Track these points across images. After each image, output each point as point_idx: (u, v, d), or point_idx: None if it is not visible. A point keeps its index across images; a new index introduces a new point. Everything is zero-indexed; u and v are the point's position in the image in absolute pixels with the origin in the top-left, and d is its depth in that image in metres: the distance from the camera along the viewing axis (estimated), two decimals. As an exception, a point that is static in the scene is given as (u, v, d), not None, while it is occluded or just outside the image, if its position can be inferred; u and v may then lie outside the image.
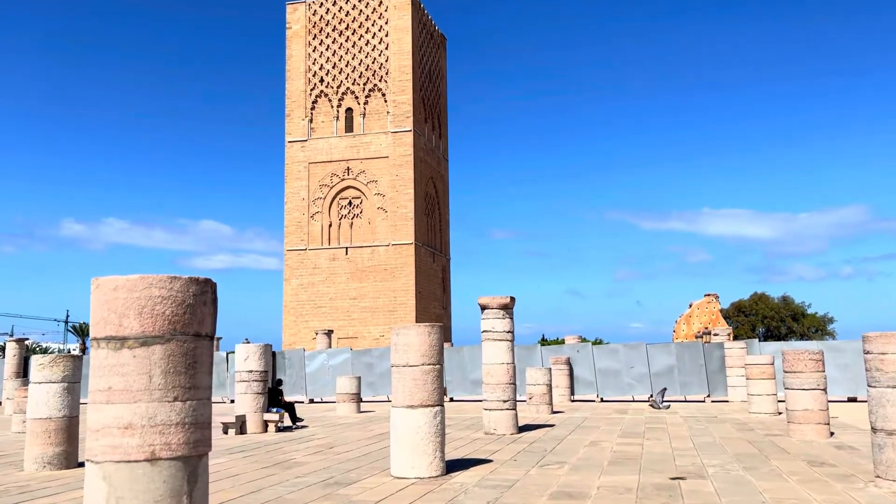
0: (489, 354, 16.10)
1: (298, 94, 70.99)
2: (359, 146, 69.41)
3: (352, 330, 67.08)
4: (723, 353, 27.10)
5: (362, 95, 69.58)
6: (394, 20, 69.69)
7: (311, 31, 71.54)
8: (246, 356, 18.00)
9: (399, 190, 67.56)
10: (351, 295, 67.62)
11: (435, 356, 10.48)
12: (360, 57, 69.92)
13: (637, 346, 28.23)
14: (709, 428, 17.46)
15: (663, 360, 27.65)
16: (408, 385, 10.35)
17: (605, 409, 24.57)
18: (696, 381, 27.56)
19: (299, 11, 72.12)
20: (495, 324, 16.05)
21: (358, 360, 31.85)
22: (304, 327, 67.75)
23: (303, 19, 71.93)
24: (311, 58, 71.10)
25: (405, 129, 68.17)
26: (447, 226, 78.25)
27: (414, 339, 10.43)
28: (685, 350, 27.71)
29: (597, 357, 28.21)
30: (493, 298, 16.05)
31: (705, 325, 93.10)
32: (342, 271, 68.03)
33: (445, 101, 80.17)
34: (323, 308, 68.27)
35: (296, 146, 70.23)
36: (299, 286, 68.79)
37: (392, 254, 67.08)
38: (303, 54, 71.38)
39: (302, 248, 69.03)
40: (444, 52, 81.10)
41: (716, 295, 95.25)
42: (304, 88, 70.90)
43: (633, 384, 28.18)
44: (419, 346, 10.40)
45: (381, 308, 66.92)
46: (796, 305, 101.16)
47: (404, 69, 68.81)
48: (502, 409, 16.12)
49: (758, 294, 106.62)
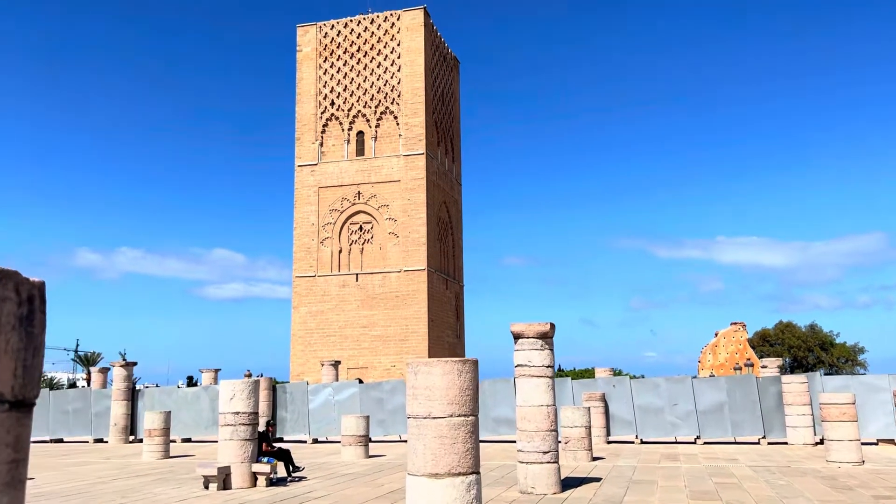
0: (525, 394, 13.10)
1: (309, 118, 69.07)
2: (370, 170, 67.14)
3: (362, 360, 64.03)
4: (779, 388, 23.86)
5: (374, 118, 67.53)
6: (406, 42, 67.90)
7: (322, 54, 69.87)
8: (231, 395, 15.07)
9: (411, 214, 65.02)
10: (361, 323, 64.72)
11: (468, 404, 7.57)
12: (371, 79, 68.03)
13: (681, 380, 25.02)
14: (793, 484, 14.29)
15: (712, 396, 24.41)
16: (430, 445, 7.42)
17: (651, 453, 21.36)
18: (749, 419, 24.28)
19: (310, 34, 70.56)
20: (532, 356, 13.09)
21: (367, 395, 28.81)
22: (312, 357, 64.76)
23: (313, 42, 70.34)
24: (321, 80, 69.31)
25: (417, 151, 65.87)
26: (460, 251, 75.46)
27: (439, 381, 7.53)
28: (736, 385, 24.47)
29: (636, 392, 25.02)
30: (529, 325, 13.13)
31: (732, 354, 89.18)
32: (352, 298, 65.24)
33: (458, 125, 78.04)
34: (332, 337, 65.37)
35: (306, 170, 68.07)
36: (308, 314, 66.01)
37: (404, 280, 64.28)
38: (313, 77, 69.62)
39: (311, 275, 66.42)
40: (458, 74, 79.21)
41: (742, 324, 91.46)
42: (314, 112, 69.00)
43: (678, 423, 24.93)
44: (446, 391, 7.49)
45: (392, 337, 63.91)
46: (825, 334, 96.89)
47: (417, 91, 66.77)
48: (542, 461, 13.07)
49: (783, 323, 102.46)
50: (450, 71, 76.11)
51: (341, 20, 70.08)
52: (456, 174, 75.92)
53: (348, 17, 70.15)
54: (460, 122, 78.51)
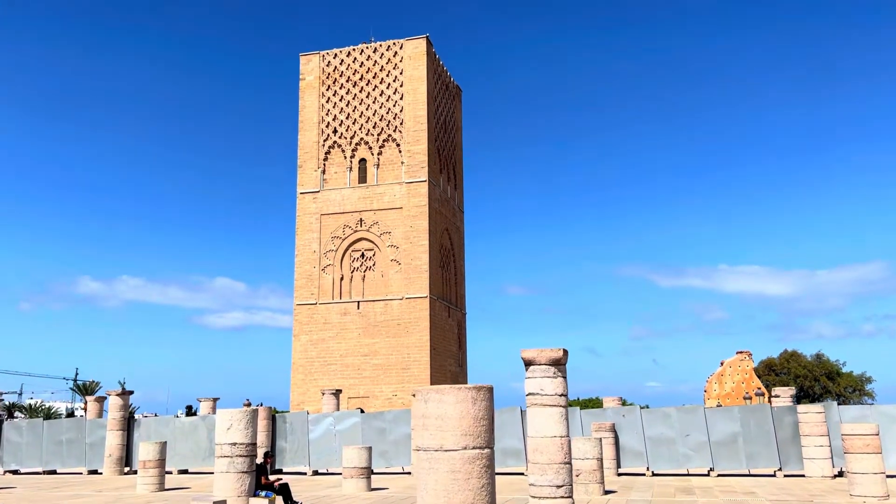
0: (537, 424, 12.47)
1: (311, 145, 69.13)
2: (372, 197, 66.95)
3: (363, 389, 63.06)
4: (795, 418, 23.11)
5: (376, 146, 67.55)
6: (409, 70, 68.22)
7: (325, 82, 70.19)
8: (229, 424, 14.43)
9: (413, 241, 64.64)
10: (362, 351, 63.92)
11: (483, 435, 6.99)
12: (374, 107, 68.22)
13: (693, 409, 24.29)
14: (819, 520, 13.57)
15: (725, 426, 23.65)
16: (442, 480, 6.83)
17: (664, 486, 20.56)
18: (764, 451, 23.49)
19: (313, 63, 70.96)
20: (544, 384, 12.48)
21: (369, 425, 28.04)
22: (313, 386, 63.83)
23: (316, 70, 70.71)
24: (324, 108, 69.54)
25: (420, 179, 65.75)
26: (462, 279, 74.92)
27: (452, 409, 6.96)
28: (750, 415, 23.72)
29: (646, 423, 24.26)
30: (540, 351, 12.55)
31: (739, 384, 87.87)
32: (353, 326, 64.53)
33: (461, 153, 78.11)
34: (333, 366, 64.52)
35: (307, 198, 67.90)
36: (309, 342, 65.25)
37: (406, 308, 63.62)
38: (316, 105, 69.86)
39: (312, 303, 65.81)
40: (460, 103, 79.55)
41: (748, 352, 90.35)
42: (317, 139, 69.09)
43: (690, 454, 24.12)
44: (459, 420, 6.92)
45: (393, 365, 63.03)
46: (831, 364, 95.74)
47: (419, 119, 66.90)
48: (556, 496, 12.39)
49: (789, 352, 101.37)
50: (452, 99, 76.41)
51: (344, 49, 70.54)
52: (458, 201, 75.75)
53: (351, 46, 70.62)
54: (462, 149, 78.61)
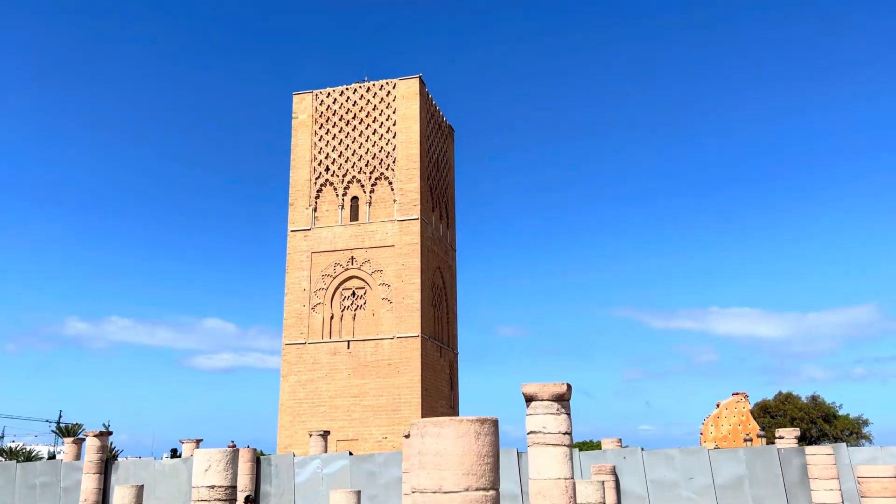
0: (540, 465, 11.58)
1: (303, 183, 68.82)
2: (364, 235, 66.38)
3: (352, 431, 61.38)
4: (803, 460, 22.20)
5: (368, 184, 67.29)
6: (402, 109, 68.47)
7: (318, 121, 70.28)
8: (207, 465, 13.42)
9: (405, 280, 63.85)
10: (352, 392, 62.42)
11: (488, 474, 6.16)
12: (366, 146, 68.21)
13: (697, 451, 23.34)
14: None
15: (730, 469, 22.69)
16: (442, 525, 5.98)
17: (669, 533, 19.51)
18: (771, 494, 22.49)
19: (306, 101, 71.17)
20: (547, 422, 11.64)
21: (358, 468, 26.83)
22: (301, 428, 62.07)
23: (310, 108, 70.87)
24: (316, 147, 69.47)
25: (412, 217, 65.34)
26: (455, 318, 73.94)
27: (452, 445, 6.13)
28: (756, 457, 22.79)
29: (648, 465, 23.27)
30: (543, 386, 11.75)
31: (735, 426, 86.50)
32: (343, 366, 63.18)
33: (453, 192, 77.99)
34: (321, 407, 62.91)
35: (298, 235, 67.25)
36: (297, 383, 63.73)
37: (397, 347, 62.45)
38: (309, 143, 69.81)
39: (301, 342, 64.54)
40: (452, 143, 79.79)
41: (744, 394, 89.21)
42: (308, 177, 68.81)
43: (694, 498, 23.08)
44: (461, 458, 6.09)
45: (384, 407, 61.52)
46: (827, 406, 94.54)
47: (412, 157, 66.86)
48: (560, 543, 11.43)
49: (783, 394, 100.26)
50: (445, 139, 76.66)
51: (337, 88, 70.87)
52: (451, 240, 75.31)
53: (345, 86, 70.97)
54: (454, 189, 78.51)
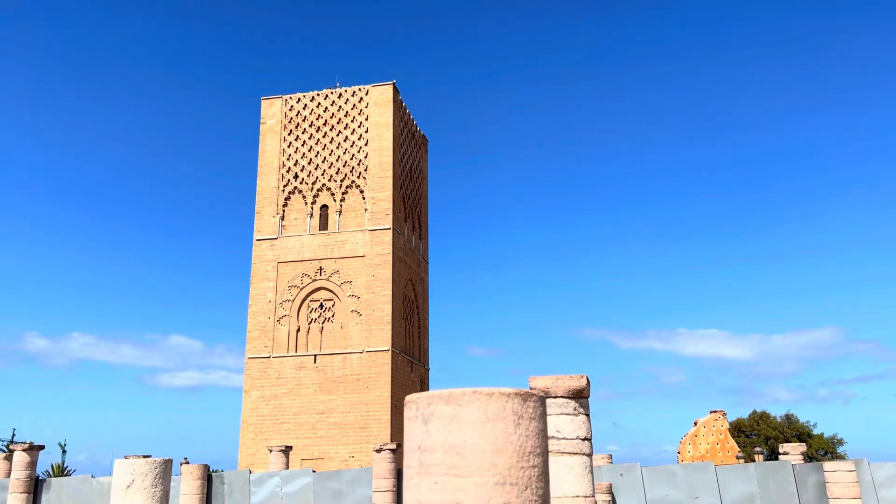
0: (554, 480, 9.21)
1: (270, 191, 66.18)
2: (333, 245, 63.85)
3: (317, 450, 58.34)
4: (821, 477, 20.30)
5: (339, 192, 64.96)
6: (374, 117, 66.49)
7: (287, 127, 67.88)
8: (129, 480, 10.95)
9: (375, 291, 61.41)
10: (318, 409, 59.47)
11: (535, 483, 3.48)
12: (337, 153, 65.95)
13: (703, 467, 21.33)
14: None
15: (739, 486, 20.71)
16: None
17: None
18: (781, 515, 20.61)
19: (275, 107, 68.78)
20: (561, 424, 9.22)
21: (322, 486, 24.31)
22: (263, 446, 58.81)
23: (278, 114, 68.46)
24: (285, 153, 67.00)
25: (384, 226, 63.09)
26: (426, 332, 71.54)
27: (476, 435, 3.37)
28: (769, 473, 20.84)
29: (648, 483, 21.20)
30: (557, 379, 9.32)
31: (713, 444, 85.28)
32: (309, 382, 60.25)
33: (426, 203, 75.99)
34: (286, 424, 59.78)
35: (264, 244, 64.45)
36: (260, 398, 60.57)
37: (366, 361, 59.81)
38: (277, 150, 67.31)
39: (266, 356, 61.49)
40: (426, 153, 77.98)
41: (722, 412, 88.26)
42: (276, 184, 66.21)
43: (695, 519, 21.09)
44: (491, 455, 3.15)
45: (351, 424, 58.67)
46: (801, 425, 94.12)
47: (384, 166, 64.79)
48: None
49: (758, 413, 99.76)
50: (418, 149, 74.84)
51: (308, 94, 68.68)
52: (423, 252, 73.16)
53: (315, 91, 68.83)
54: (428, 200, 76.57)
